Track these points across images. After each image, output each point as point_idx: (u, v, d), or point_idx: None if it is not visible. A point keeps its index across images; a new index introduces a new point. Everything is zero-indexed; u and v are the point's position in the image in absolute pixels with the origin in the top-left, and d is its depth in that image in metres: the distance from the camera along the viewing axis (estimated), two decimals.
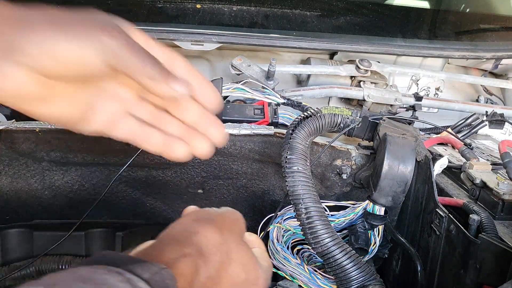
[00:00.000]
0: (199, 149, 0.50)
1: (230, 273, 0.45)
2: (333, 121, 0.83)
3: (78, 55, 0.40)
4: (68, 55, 0.39)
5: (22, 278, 0.95)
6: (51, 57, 0.39)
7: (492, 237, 0.62)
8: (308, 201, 0.68)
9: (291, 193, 0.70)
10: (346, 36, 1.26)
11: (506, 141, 0.80)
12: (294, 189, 0.70)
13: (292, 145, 0.75)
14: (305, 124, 0.79)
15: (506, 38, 1.37)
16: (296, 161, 0.73)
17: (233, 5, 1.24)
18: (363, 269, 0.69)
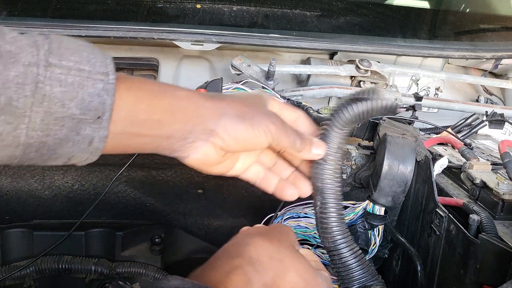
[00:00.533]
0: (304, 191, 0.62)
1: (288, 280, 0.48)
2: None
3: (253, 139, 0.55)
4: (246, 139, 0.55)
5: (22, 278, 0.95)
6: (235, 140, 0.54)
7: (492, 237, 0.62)
8: (327, 194, 0.63)
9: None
10: (346, 36, 1.25)
11: (506, 141, 0.80)
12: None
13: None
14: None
15: (506, 38, 1.37)
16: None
17: (233, 5, 1.24)
18: (367, 269, 0.68)
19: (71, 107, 0.46)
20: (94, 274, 0.98)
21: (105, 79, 0.48)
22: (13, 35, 0.46)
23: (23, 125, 0.44)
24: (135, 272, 0.99)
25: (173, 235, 1.08)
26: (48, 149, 0.47)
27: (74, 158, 0.50)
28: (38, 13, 1.16)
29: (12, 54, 0.44)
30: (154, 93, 0.53)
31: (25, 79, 0.44)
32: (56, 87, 0.45)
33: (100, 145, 0.49)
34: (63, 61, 0.46)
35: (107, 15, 1.20)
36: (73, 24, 1.09)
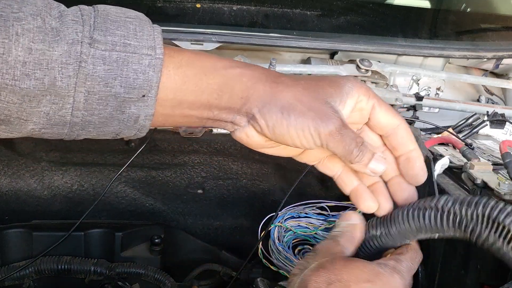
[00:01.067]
0: (383, 209, 0.55)
1: None
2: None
3: (293, 139, 0.50)
4: (285, 136, 0.50)
5: (21, 278, 0.95)
6: (272, 133, 0.50)
7: None
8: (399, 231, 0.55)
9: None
10: (347, 36, 1.25)
11: (507, 141, 0.80)
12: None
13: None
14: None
15: (507, 38, 1.37)
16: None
17: (233, 4, 1.24)
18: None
19: (114, 85, 0.45)
20: (93, 274, 0.98)
21: (152, 54, 0.46)
22: (61, 9, 0.45)
23: (68, 105, 0.45)
24: (134, 272, 0.99)
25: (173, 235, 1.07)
26: (94, 127, 0.47)
27: (122, 134, 0.50)
28: None
29: (57, 31, 0.44)
30: (204, 70, 0.50)
31: (69, 58, 0.43)
32: (99, 65, 0.45)
33: (146, 123, 0.49)
34: (108, 36, 0.45)
35: None
36: None
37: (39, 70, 0.42)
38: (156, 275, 0.98)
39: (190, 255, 1.08)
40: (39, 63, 0.42)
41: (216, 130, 0.84)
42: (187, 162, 0.90)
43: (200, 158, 0.90)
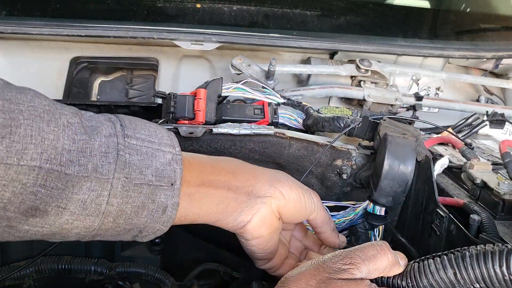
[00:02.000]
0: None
1: None
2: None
3: (303, 206, 0.63)
4: (299, 205, 0.62)
5: (22, 278, 0.95)
6: (290, 204, 0.62)
7: (493, 237, 0.62)
8: None
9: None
10: (347, 36, 1.25)
11: (506, 141, 0.80)
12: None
13: None
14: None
15: (507, 38, 1.37)
16: None
17: (233, 4, 1.24)
18: None
19: (147, 174, 0.50)
20: (94, 274, 0.98)
21: (172, 151, 0.54)
22: (90, 114, 0.52)
23: (105, 191, 0.48)
24: (135, 272, 0.99)
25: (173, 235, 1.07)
26: (125, 218, 0.50)
27: (146, 230, 0.53)
28: (38, 13, 1.17)
29: (93, 127, 0.49)
30: (214, 159, 0.60)
31: (108, 148, 0.49)
32: (134, 155, 0.50)
33: (173, 213, 0.53)
34: (137, 133, 0.52)
35: (107, 15, 1.20)
36: (73, 24, 1.09)
37: (83, 157, 0.46)
38: (157, 275, 0.98)
39: (190, 255, 1.08)
40: (83, 151, 0.47)
41: (216, 130, 0.84)
42: None
43: None
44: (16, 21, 1.09)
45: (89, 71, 1.27)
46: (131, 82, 1.29)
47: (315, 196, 0.65)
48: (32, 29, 1.07)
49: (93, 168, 0.47)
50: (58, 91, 1.22)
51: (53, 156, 0.44)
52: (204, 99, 0.90)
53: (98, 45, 1.26)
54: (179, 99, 0.89)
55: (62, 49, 1.25)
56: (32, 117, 0.43)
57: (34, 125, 0.43)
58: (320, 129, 0.94)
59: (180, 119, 0.88)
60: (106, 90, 1.28)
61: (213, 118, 0.91)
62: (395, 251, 0.55)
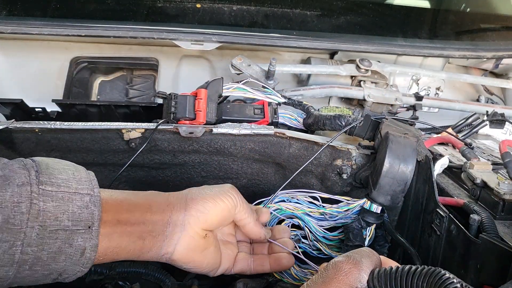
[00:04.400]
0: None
1: None
2: None
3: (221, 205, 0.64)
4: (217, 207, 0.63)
5: None
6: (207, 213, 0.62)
7: (493, 237, 0.62)
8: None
9: None
10: (347, 36, 1.25)
11: (506, 141, 0.80)
12: None
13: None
14: None
15: (507, 38, 1.37)
16: None
17: (233, 4, 1.24)
18: None
19: (63, 219, 0.50)
20: (94, 274, 0.98)
21: (91, 193, 0.53)
22: (4, 162, 0.51)
23: (18, 241, 0.47)
24: (135, 272, 0.99)
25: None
26: (42, 264, 0.50)
27: (65, 273, 0.53)
28: (38, 13, 1.16)
29: (6, 177, 0.48)
30: (132, 194, 0.60)
31: (20, 197, 0.48)
32: (48, 202, 0.49)
33: (92, 254, 0.53)
34: (53, 179, 0.51)
35: (107, 15, 1.20)
36: (73, 24, 1.09)
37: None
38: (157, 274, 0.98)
39: None
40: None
41: (216, 129, 0.84)
42: (187, 162, 0.90)
43: (200, 158, 0.90)
44: (16, 21, 1.09)
45: (89, 71, 1.27)
46: (131, 82, 1.29)
47: (233, 191, 0.65)
48: (32, 29, 1.07)
49: (4, 220, 0.46)
50: (58, 91, 1.22)
51: None
52: (204, 99, 0.90)
53: (98, 45, 1.26)
54: (180, 99, 0.89)
55: (62, 49, 1.25)
56: None
57: None
58: (321, 127, 0.94)
59: (181, 119, 0.88)
60: (106, 90, 1.28)
61: (213, 118, 0.91)
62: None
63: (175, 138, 0.85)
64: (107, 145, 0.85)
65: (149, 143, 0.84)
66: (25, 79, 1.24)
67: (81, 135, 0.83)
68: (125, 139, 0.84)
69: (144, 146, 0.83)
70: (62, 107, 1.03)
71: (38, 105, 1.00)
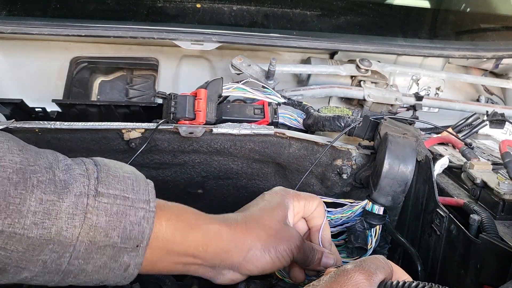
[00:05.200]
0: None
1: None
2: None
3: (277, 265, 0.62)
4: (272, 267, 0.61)
5: None
6: (261, 270, 0.61)
7: (493, 237, 0.62)
8: None
9: None
10: (347, 36, 1.25)
11: (506, 141, 0.80)
12: None
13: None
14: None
15: (507, 38, 1.37)
16: None
17: (233, 4, 1.24)
18: None
19: (113, 236, 0.50)
20: None
21: (146, 207, 0.52)
22: (67, 163, 0.51)
23: (67, 253, 0.48)
24: None
25: None
26: (86, 275, 0.51)
27: (107, 281, 0.53)
28: (38, 13, 1.16)
29: (66, 183, 0.48)
30: (190, 224, 0.57)
31: (76, 209, 0.48)
32: (102, 217, 0.49)
33: (135, 271, 0.53)
34: (110, 189, 0.51)
35: (107, 15, 1.20)
36: (73, 24, 1.09)
37: (47, 220, 0.46)
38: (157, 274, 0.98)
39: None
40: (49, 213, 0.46)
41: (216, 130, 0.84)
42: (187, 162, 0.90)
43: (200, 158, 0.90)
44: (16, 21, 1.09)
45: (89, 71, 1.27)
46: (131, 82, 1.29)
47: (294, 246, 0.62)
48: (32, 29, 1.07)
49: (57, 232, 0.46)
50: (58, 91, 1.22)
51: (16, 220, 0.44)
52: (204, 99, 0.90)
53: (98, 45, 1.26)
54: (179, 99, 0.89)
55: (62, 49, 1.25)
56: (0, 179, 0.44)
57: (1, 189, 0.43)
58: (320, 128, 0.94)
59: (180, 119, 0.88)
60: (106, 90, 1.28)
61: (213, 118, 0.91)
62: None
63: (175, 138, 0.85)
64: (107, 145, 0.85)
65: (149, 143, 0.84)
66: (25, 79, 1.24)
67: (81, 135, 0.83)
68: (125, 139, 0.84)
69: (144, 146, 0.83)
70: (62, 107, 1.03)
71: (38, 105, 1.00)
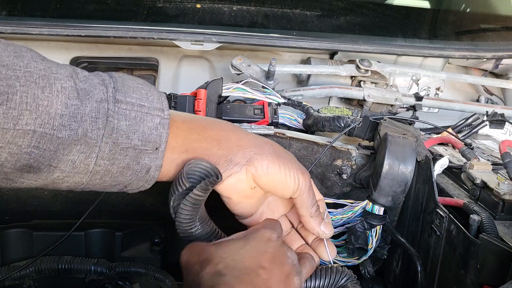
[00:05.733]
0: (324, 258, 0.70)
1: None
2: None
3: (282, 180, 0.62)
4: (276, 177, 0.61)
5: (22, 278, 0.95)
6: (266, 174, 0.61)
7: (493, 238, 0.62)
8: None
9: None
10: (347, 36, 1.25)
11: (506, 141, 0.80)
12: None
13: None
14: None
15: (507, 38, 1.37)
16: None
17: (233, 5, 1.24)
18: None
19: (134, 138, 0.53)
20: (94, 274, 0.98)
21: (161, 115, 0.56)
22: (85, 74, 0.54)
23: (93, 154, 0.52)
24: (135, 272, 0.99)
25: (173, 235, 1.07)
26: (111, 176, 0.54)
27: (130, 185, 0.58)
28: (38, 13, 1.16)
29: (86, 91, 0.52)
30: (204, 124, 0.61)
31: (98, 113, 0.51)
32: (122, 121, 0.53)
33: (156, 173, 0.57)
34: (127, 97, 0.54)
35: (107, 15, 1.20)
36: (73, 24, 1.09)
37: (74, 122, 0.49)
38: (157, 274, 0.98)
39: None
40: (74, 116, 0.49)
41: None
42: None
43: None
44: (16, 21, 1.09)
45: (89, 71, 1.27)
46: None
47: (304, 177, 0.63)
48: (32, 29, 1.07)
49: (83, 133, 0.50)
50: None
51: (46, 121, 0.47)
52: (204, 100, 0.90)
53: (98, 45, 1.26)
54: (179, 99, 0.89)
55: (62, 49, 1.25)
56: (27, 84, 0.46)
57: (30, 91, 0.46)
58: (320, 128, 0.94)
59: None
60: None
61: None
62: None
63: None
64: None
65: None
66: None
67: None
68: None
69: None
70: None
71: None
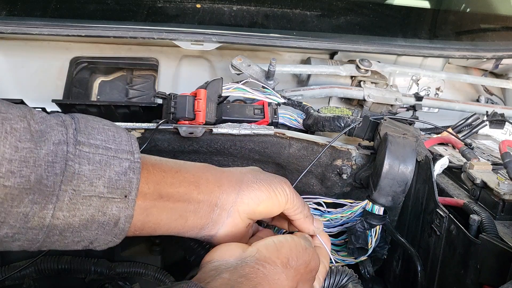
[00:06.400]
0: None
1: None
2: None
3: (273, 199, 0.60)
4: (268, 200, 0.60)
5: (22, 278, 0.95)
6: (257, 203, 0.59)
7: (493, 237, 0.62)
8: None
9: None
10: (347, 36, 1.25)
11: (506, 141, 0.80)
12: None
13: None
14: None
15: (507, 38, 1.37)
16: None
17: (233, 5, 1.24)
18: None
19: (98, 185, 0.46)
20: (93, 274, 0.98)
21: (131, 158, 0.49)
22: (42, 115, 0.47)
23: (50, 204, 0.44)
24: (134, 272, 0.99)
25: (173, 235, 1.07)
26: (73, 231, 0.47)
27: (97, 241, 0.50)
28: (38, 13, 1.16)
29: (42, 132, 0.45)
30: (176, 167, 0.56)
31: (55, 157, 0.44)
32: (84, 165, 0.46)
33: (126, 225, 0.49)
34: (91, 139, 0.48)
35: (107, 15, 1.20)
36: (73, 24, 1.09)
37: (25, 168, 0.42)
38: (157, 274, 0.98)
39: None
40: (26, 161, 0.43)
41: (216, 130, 0.84)
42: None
43: (200, 158, 0.90)
44: (16, 21, 1.09)
45: (89, 71, 1.27)
46: (131, 82, 1.29)
47: (286, 186, 0.62)
48: (32, 29, 1.07)
49: (37, 180, 0.43)
50: (58, 91, 1.22)
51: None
52: (204, 100, 0.90)
53: (98, 45, 1.26)
54: (179, 99, 0.89)
55: (62, 49, 1.25)
56: None
57: None
58: (320, 128, 0.94)
59: (180, 119, 0.88)
60: (106, 90, 1.28)
61: (213, 118, 0.91)
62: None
63: (175, 138, 0.85)
64: None
65: (149, 143, 0.84)
66: (25, 79, 1.24)
67: None
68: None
69: (144, 146, 0.83)
70: (62, 107, 1.03)
71: (38, 105, 1.00)
